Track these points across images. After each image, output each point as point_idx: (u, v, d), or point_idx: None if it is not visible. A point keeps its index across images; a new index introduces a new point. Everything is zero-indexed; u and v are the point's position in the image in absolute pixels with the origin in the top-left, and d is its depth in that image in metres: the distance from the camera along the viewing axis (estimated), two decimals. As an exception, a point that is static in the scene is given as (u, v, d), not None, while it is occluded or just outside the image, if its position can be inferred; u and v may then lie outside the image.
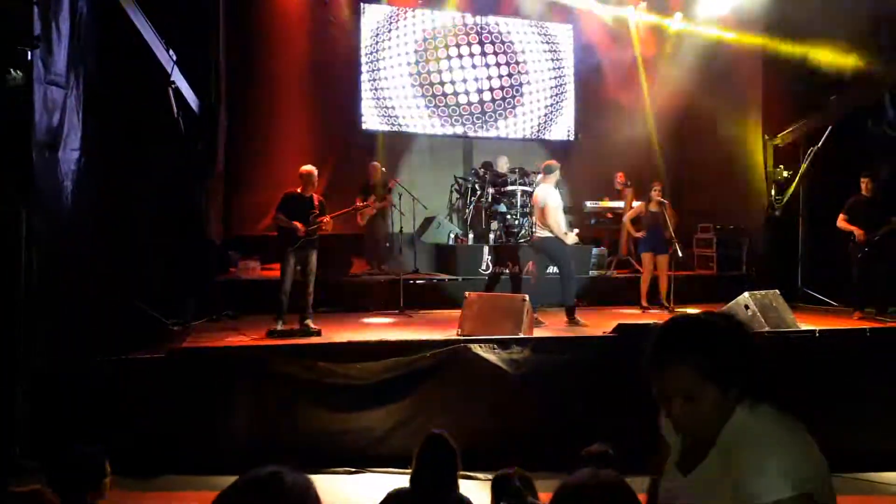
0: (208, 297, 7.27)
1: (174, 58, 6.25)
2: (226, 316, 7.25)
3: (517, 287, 7.58)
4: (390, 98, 10.96)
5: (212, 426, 5.09)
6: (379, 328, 6.78)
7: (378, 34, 10.97)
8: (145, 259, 6.38)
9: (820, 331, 6.04)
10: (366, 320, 7.28)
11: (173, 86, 6.22)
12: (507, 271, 7.94)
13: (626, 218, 8.86)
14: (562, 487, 1.51)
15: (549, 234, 7.21)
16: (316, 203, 6.51)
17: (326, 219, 6.45)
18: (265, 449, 5.03)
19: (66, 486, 2.43)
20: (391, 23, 11.01)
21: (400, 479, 4.79)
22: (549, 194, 7.27)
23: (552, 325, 6.99)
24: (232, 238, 9.47)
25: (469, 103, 11.31)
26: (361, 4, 10.85)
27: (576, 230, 7.58)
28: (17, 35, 4.16)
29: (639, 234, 8.54)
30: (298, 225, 6.30)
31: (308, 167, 6.63)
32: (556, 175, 7.46)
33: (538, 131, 11.76)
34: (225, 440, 5.06)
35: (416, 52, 11.11)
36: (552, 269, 7.46)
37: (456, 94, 11.26)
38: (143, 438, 4.82)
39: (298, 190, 6.52)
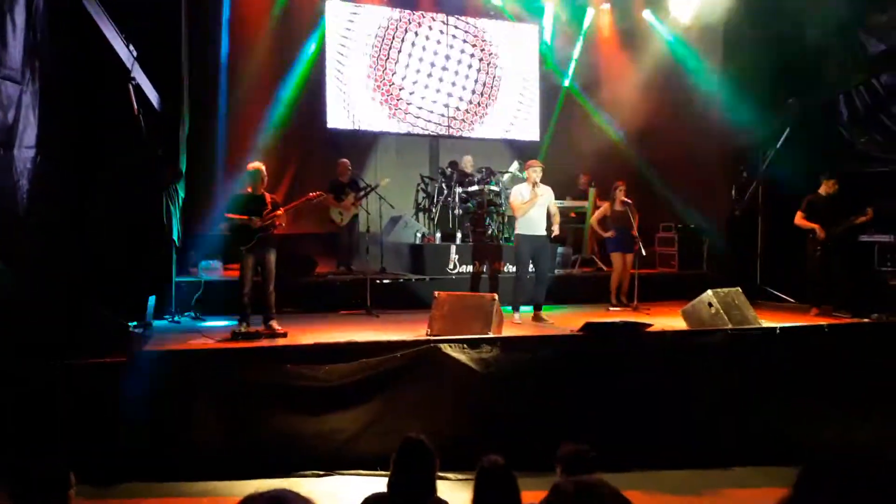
0: (169, 298, 7.09)
1: (135, 54, 6.07)
2: (187, 318, 7.09)
3: (495, 286, 7.63)
4: (355, 96, 10.85)
5: (175, 431, 4.97)
6: (346, 329, 6.67)
7: (342, 32, 10.85)
8: (103, 259, 6.18)
9: (781, 328, 6.18)
10: (332, 321, 7.19)
11: (133, 82, 6.03)
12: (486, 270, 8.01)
13: (593, 220, 8.90)
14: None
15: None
16: (268, 201, 6.33)
17: (280, 212, 6.28)
18: (231, 454, 4.95)
19: (29, 500, 2.34)
20: (355, 21, 10.90)
21: (370, 481, 4.77)
22: (512, 192, 7.49)
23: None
24: (192, 237, 9.24)
25: (433, 102, 11.26)
26: (325, 2, 10.71)
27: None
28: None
29: (607, 234, 8.55)
30: (254, 219, 6.14)
31: (255, 163, 6.43)
32: (528, 174, 7.45)
33: (505, 131, 11.78)
34: (189, 445, 4.95)
35: (378, 50, 11.01)
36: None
37: (419, 94, 11.20)
38: (103, 445, 4.67)
39: (249, 190, 6.34)
